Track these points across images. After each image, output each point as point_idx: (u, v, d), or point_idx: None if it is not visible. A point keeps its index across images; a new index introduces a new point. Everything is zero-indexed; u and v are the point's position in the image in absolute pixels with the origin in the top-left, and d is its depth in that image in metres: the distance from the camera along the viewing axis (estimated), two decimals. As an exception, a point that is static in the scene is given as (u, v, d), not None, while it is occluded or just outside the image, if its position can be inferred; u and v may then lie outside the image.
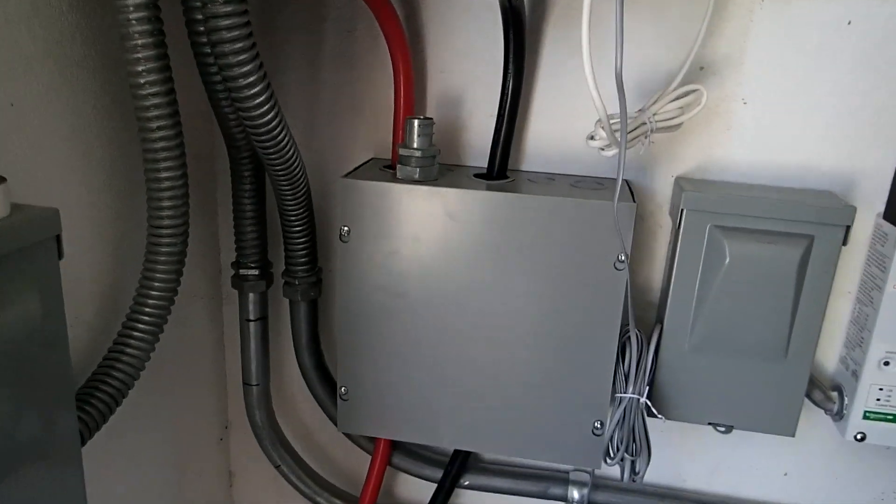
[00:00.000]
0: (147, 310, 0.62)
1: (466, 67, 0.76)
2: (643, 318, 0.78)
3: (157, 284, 0.62)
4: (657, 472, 0.86)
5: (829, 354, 0.77)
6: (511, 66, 0.70)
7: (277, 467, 0.89)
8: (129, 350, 0.62)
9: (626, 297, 0.67)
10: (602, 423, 0.71)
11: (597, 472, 0.87)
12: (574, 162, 0.76)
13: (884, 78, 0.68)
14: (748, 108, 0.71)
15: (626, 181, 0.75)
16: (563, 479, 0.86)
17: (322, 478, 0.91)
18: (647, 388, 0.69)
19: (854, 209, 0.65)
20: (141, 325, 0.62)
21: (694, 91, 0.65)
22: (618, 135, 0.59)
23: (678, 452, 0.85)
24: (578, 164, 0.76)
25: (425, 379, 0.74)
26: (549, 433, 0.74)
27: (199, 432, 0.91)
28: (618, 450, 0.68)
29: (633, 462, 0.68)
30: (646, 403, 0.69)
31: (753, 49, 0.70)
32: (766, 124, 0.72)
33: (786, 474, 0.83)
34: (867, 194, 0.72)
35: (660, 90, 0.67)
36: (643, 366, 0.70)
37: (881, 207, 0.71)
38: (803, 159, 0.72)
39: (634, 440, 0.68)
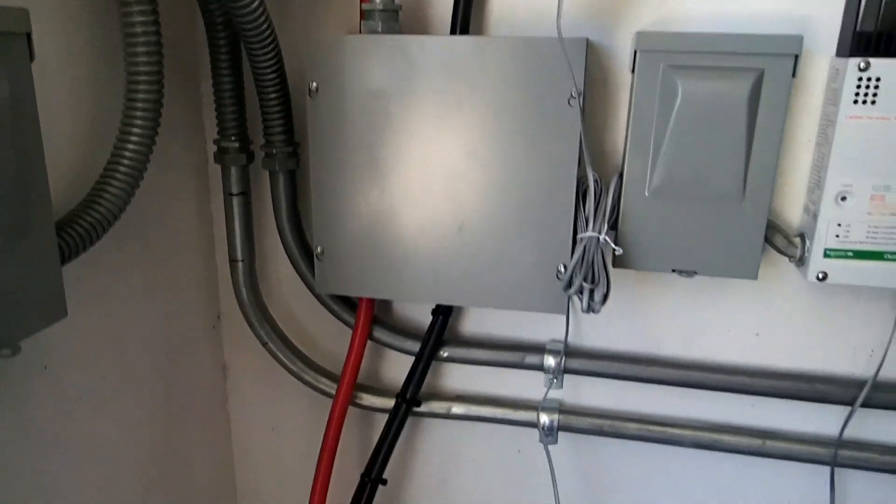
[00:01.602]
0: (127, 153, 0.67)
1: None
2: (609, 174, 0.80)
3: (135, 129, 0.67)
4: (633, 342, 0.89)
5: (794, 205, 0.79)
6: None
7: (265, 345, 0.94)
8: (110, 187, 0.67)
9: (581, 139, 0.70)
10: (565, 267, 0.74)
11: (572, 342, 0.90)
12: (537, 26, 0.79)
13: (832, -84, 0.70)
14: (700, -45, 0.74)
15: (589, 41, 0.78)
16: (540, 349, 0.89)
17: (306, 356, 0.96)
18: (607, 226, 0.72)
19: (801, 37, 0.68)
20: (122, 167, 0.67)
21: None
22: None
23: (654, 320, 0.88)
24: (542, 28, 0.79)
25: (396, 234, 0.78)
26: (517, 281, 0.77)
27: (191, 317, 0.95)
28: (578, 282, 0.71)
29: (591, 291, 0.71)
30: (605, 239, 0.72)
31: None
32: (718, -27, 0.74)
33: (758, 335, 0.85)
34: (821, 39, 0.74)
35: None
36: (602, 207, 0.72)
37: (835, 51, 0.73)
38: (758, 8, 0.74)
39: (593, 272, 0.71)
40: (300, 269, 0.89)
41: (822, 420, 0.85)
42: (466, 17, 0.77)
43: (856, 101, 0.69)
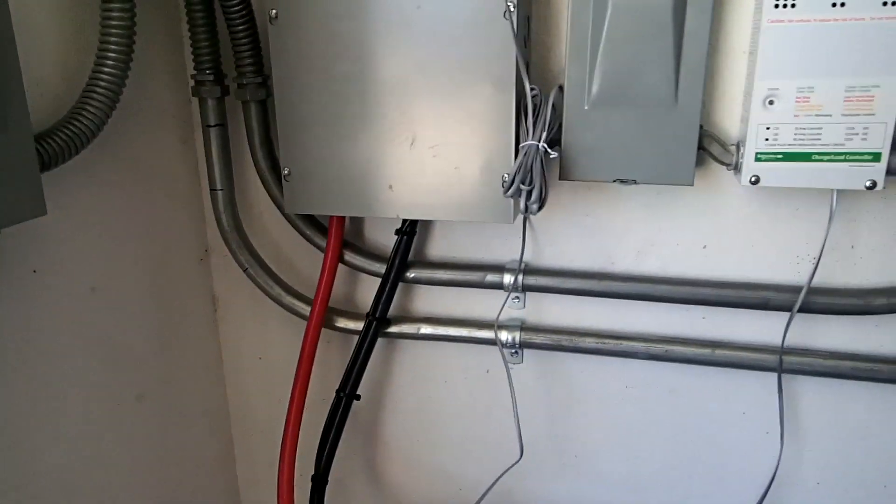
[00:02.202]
0: (103, 76, 0.75)
1: None
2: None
3: (110, 54, 0.74)
4: (589, 259, 0.93)
5: (733, 115, 0.83)
6: None
7: (245, 270, 1.01)
8: (88, 106, 0.74)
9: (517, 52, 0.75)
10: (508, 176, 0.79)
11: (532, 261, 0.95)
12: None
13: None
14: None
15: None
16: (500, 268, 0.94)
17: (284, 281, 1.02)
18: (546, 135, 0.76)
19: (721, -56, 0.72)
20: (99, 87, 0.74)
21: None
22: None
23: (607, 237, 0.92)
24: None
25: (355, 152, 0.84)
26: (466, 193, 0.82)
27: (180, 247, 1.02)
28: (516, 185, 0.76)
29: (528, 193, 0.76)
30: (544, 147, 0.76)
31: None
32: None
33: (705, 247, 0.89)
34: (751, -48, 0.77)
35: None
36: (542, 117, 0.77)
37: (765, -38, 0.77)
38: (690, -75, 0.78)
39: (531, 176, 0.76)
40: (274, 195, 0.96)
41: (768, 328, 0.88)
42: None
43: (776, 6, 0.72)
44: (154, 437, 0.98)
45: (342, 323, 1.01)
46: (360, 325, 0.99)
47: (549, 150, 0.76)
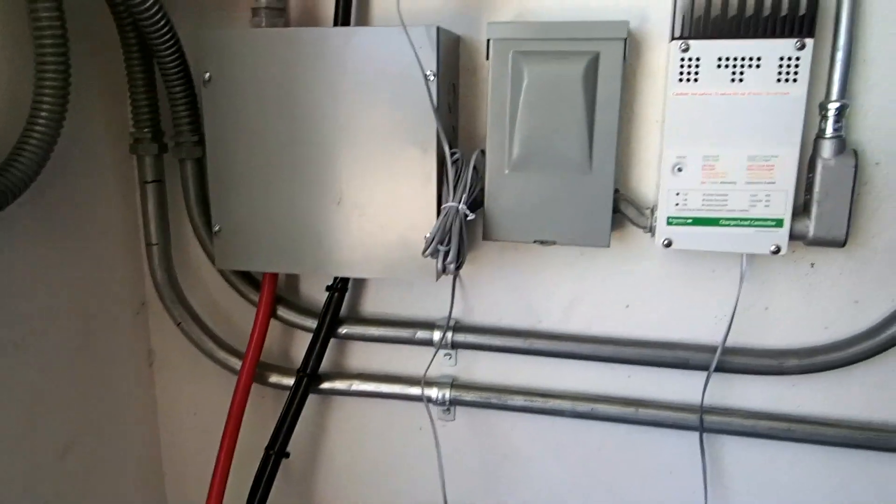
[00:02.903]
0: (34, 134, 0.76)
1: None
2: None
3: (42, 113, 0.76)
4: (516, 316, 0.95)
5: (649, 181, 0.86)
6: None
7: (178, 325, 1.01)
8: (17, 163, 0.75)
9: (436, 117, 0.78)
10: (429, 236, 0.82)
11: (462, 318, 0.96)
12: (410, 18, 0.88)
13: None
14: (551, -40, 0.83)
15: (440, 29, 0.85)
16: (430, 324, 0.96)
17: (217, 335, 1.02)
18: (466, 196, 0.79)
19: (626, 23, 0.76)
20: (29, 145, 0.76)
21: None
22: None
23: (534, 295, 0.94)
24: (418, 19, 0.87)
25: (284, 210, 0.86)
26: (390, 251, 0.84)
27: (116, 302, 1.02)
28: (434, 245, 0.78)
29: (445, 253, 0.78)
30: (463, 209, 0.79)
31: None
32: (568, -27, 0.83)
33: (627, 306, 0.91)
34: (658, 26, 0.82)
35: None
36: (463, 180, 0.80)
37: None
38: (600, 1, 0.83)
39: (449, 237, 0.78)
40: (209, 251, 0.97)
41: (689, 387, 0.90)
42: (347, 12, 0.87)
43: (681, 80, 0.77)
44: (83, 494, 0.96)
45: (274, 378, 1.02)
46: (291, 381, 0.99)
47: (468, 213, 0.79)
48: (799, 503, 0.91)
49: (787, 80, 0.75)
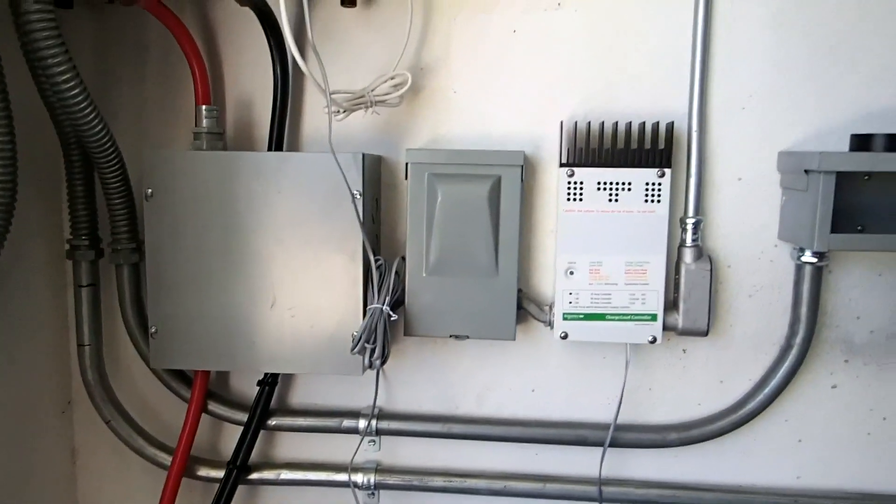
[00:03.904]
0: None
1: (256, 74, 1.02)
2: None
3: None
4: (435, 403, 1.06)
5: (548, 282, 1.01)
6: (279, 70, 0.97)
7: (107, 423, 1.05)
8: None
9: (362, 230, 0.91)
10: (356, 334, 0.92)
11: (386, 407, 1.06)
12: (339, 144, 1.01)
13: (547, 71, 0.98)
14: (458, 95, 1.00)
15: (365, 154, 0.98)
16: (356, 413, 1.05)
17: (147, 432, 1.07)
18: (390, 298, 0.91)
19: (522, 153, 0.93)
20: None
21: (402, 76, 0.93)
22: (343, 105, 0.86)
23: (451, 384, 1.06)
24: (345, 145, 1.01)
25: (219, 313, 0.94)
26: (319, 349, 0.94)
27: (42, 401, 1.06)
28: (361, 343, 0.89)
29: (371, 350, 0.89)
30: (387, 310, 0.91)
31: (456, 52, 0.99)
32: (473, 107, 1.00)
33: (533, 390, 1.04)
34: (550, 153, 0.99)
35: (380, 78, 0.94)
36: (386, 284, 0.92)
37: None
38: (504, 131, 1.00)
39: (375, 335, 0.89)
40: (141, 350, 1.03)
41: (588, 462, 1.03)
42: (280, 137, 0.99)
43: (568, 199, 0.94)
44: None
45: (203, 472, 1.07)
46: (221, 474, 1.05)
47: (391, 313, 0.91)
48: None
49: (652, 201, 0.92)
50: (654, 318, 0.94)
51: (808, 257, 0.92)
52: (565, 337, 0.96)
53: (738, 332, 1.00)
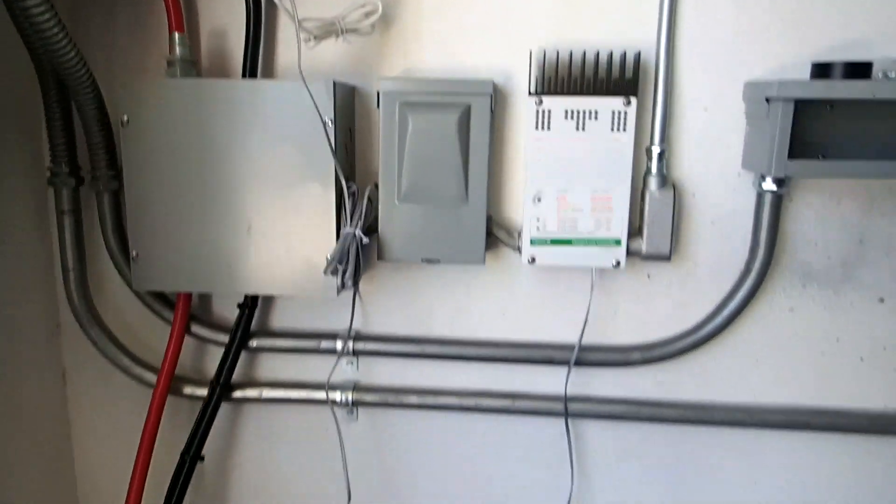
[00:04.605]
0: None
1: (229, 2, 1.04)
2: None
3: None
4: (409, 326, 1.12)
5: (517, 209, 1.06)
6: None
7: (94, 344, 1.11)
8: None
9: (333, 157, 0.94)
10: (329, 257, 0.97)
11: (362, 329, 1.13)
12: (311, 72, 1.04)
13: (518, 1, 1.00)
14: (430, 25, 1.01)
15: (336, 83, 1.00)
16: (333, 335, 1.11)
17: (133, 353, 1.14)
18: (362, 223, 0.96)
19: (492, 82, 0.96)
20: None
21: (372, 4, 0.95)
22: (313, 32, 0.89)
23: (425, 308, 1.11)
24: (317, 72, 1.04)
25: (198, 237, 0.99)
26: (295, 271, 0.99)
27: (30, 325, 1.12)
28: (334, 265, 0.94)
29: (344, 271, 0.94)
30: (360, 235, 0.95)
31: (428, -20, 1.00)
32: (445, 38, 1.02)
33: (503, 314, 1.10)
34: (521, 84, 1.02)
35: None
36: (359, 209, 0.96)
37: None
38: (475, 62, 1.02)
39: (348, 258, 0.94)
40: (124, 275, 1.08)
41: (555, 381, 1.10)
42: (254, 65, 1.01)
43: (536, 128, 0.97)
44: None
45: (189, 390, 1.14)
46: (205, 392, 1.12)
47: (363, 237, 0.95)
48: (646, 472, 1.13)
49: (618, 129, 0.96)
50: (618, 242, 0.99)
51: (768, 185, 0.96)
52: (533, 261, 1.01)
53: (701, 258, 1.05)
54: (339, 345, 1.11)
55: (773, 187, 0.96)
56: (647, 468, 1.13)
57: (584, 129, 0.96)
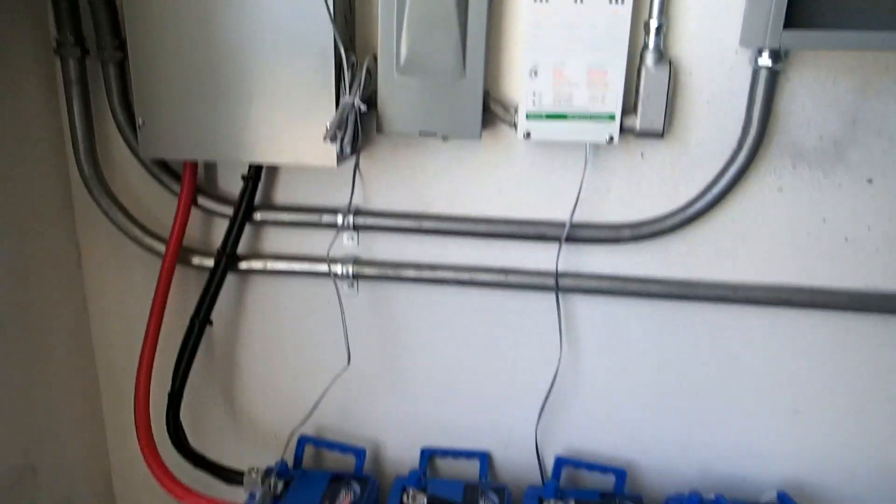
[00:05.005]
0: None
1: None
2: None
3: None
4: (408, 202, 1.16)
5: (514, 85, 1.08)
6: None
7: (106, 214, 1.17)
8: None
9: (333, 28, 0.96)
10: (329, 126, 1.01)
11: (363, 206, 1.17)
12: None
13: None
14: None
15: None
16: (334, 210, 1.16)
17: (143, 224, 1.19)
18: (360, 93, 0.98)
19: (491, -51, 0.96)
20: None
21: None
22: None
23: (423, 185, 1.15)
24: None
25: (201, 106, 1.02)
26: (296, 140, 1.03)
27: (42, 193, 1.17)
28: (332, 131, 0.97)
29: (342, 138, 0.98)
30: (358, 103, 0.98)
31: None
32: None
33: (499, 191, 1.14)
34: (523, -46, 1.02)
35: None
36: (357, 79, 0.99)
37: (533, -36, 1.02)
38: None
39: (346, 125, 0.97)
40: (132, 145, 1.13)
41: (547, 257, 1.15)
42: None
43: (535, 1, 0.98)
44: (19, 365, 1.13)
45: (197, 260, 1.20)
46: (212, 262, 1.18)
47: (362, 106, 0.98)
48: (631, 345, 1.19)
49: (617, 2, 0.97)
50: (612, 117, 1.02)
51: (764, 60, 0.98)
52: (528, 136, 1.04)
53: (695, 137, 1.08)
54: (339, 219, 1.15)
55: (769, 62, 0.97)
56: (633, 341, 1.19)
57: (582, 0, 0.97)
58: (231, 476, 1.21)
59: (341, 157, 1.02)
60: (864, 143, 1.05)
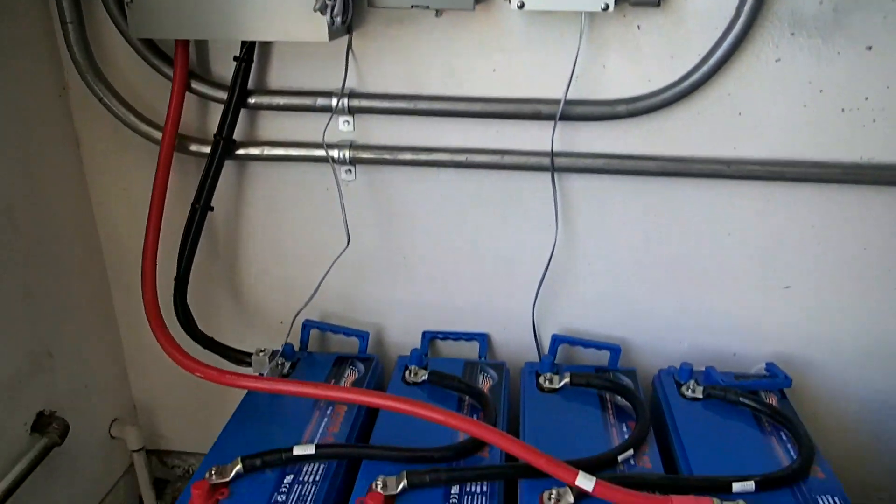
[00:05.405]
0: None
1: None
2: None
3: None
4: (403, 84, 1.16)
5: (508, -43, 1.06)
6: None
7: (100, 100, 1.17)
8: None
9: None
10: (321, 0, 1.00)
11: (358, 88, 1.17)
12: None
13: None
14: None
15: None
16: (328, 93, 1.16)
17: (137, 110, 1.19)
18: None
19: None
20: None
21: None
22: None
23: (418, 65, 1.15)
24: None
25: (190, -18, 1.01)
26: (289, 18, 1.01)
27: (37, 84, 1.17)
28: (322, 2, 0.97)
29: (332, 8, 0.97)
30: (347, -25, 0.97)
31: None
32: None
33: (494, 70, 1.14)
34: None
35: None
36: (347, -50, 0.97)
37: None
38: None
39: (336, -3, 0.97)
40: (122, 28, 1.12)
41: (542, 137, 1.15)
42: None
43: None
44: (27, 250, 1.17)
45: (195, 147, 1.21)
46: (209, 149, 1.19)
47: (351, -23, 0.97)
48: (627, 222, 1.21)
49: None
50: (607, -15, 1.00)
51: (763, -80, 0.95)
52: (522, 6, 1.02)
53: (691, 7, 1.06)
54: (334, 102, 1.15)
55: (769, -78, 0.95)
56: (628, 220, 1.21)
57: None
58: (239, 357, 1.26)
59: (332, 31, 1.01)
60: (866, 7, 1.03)
